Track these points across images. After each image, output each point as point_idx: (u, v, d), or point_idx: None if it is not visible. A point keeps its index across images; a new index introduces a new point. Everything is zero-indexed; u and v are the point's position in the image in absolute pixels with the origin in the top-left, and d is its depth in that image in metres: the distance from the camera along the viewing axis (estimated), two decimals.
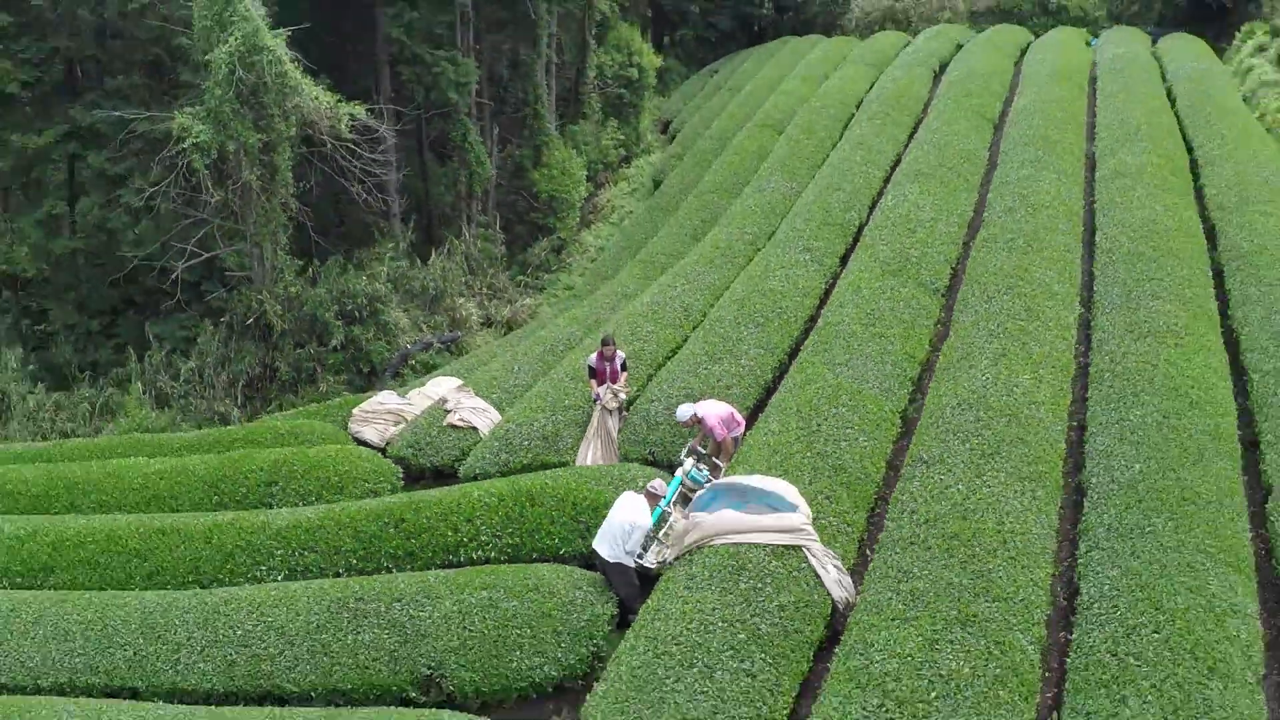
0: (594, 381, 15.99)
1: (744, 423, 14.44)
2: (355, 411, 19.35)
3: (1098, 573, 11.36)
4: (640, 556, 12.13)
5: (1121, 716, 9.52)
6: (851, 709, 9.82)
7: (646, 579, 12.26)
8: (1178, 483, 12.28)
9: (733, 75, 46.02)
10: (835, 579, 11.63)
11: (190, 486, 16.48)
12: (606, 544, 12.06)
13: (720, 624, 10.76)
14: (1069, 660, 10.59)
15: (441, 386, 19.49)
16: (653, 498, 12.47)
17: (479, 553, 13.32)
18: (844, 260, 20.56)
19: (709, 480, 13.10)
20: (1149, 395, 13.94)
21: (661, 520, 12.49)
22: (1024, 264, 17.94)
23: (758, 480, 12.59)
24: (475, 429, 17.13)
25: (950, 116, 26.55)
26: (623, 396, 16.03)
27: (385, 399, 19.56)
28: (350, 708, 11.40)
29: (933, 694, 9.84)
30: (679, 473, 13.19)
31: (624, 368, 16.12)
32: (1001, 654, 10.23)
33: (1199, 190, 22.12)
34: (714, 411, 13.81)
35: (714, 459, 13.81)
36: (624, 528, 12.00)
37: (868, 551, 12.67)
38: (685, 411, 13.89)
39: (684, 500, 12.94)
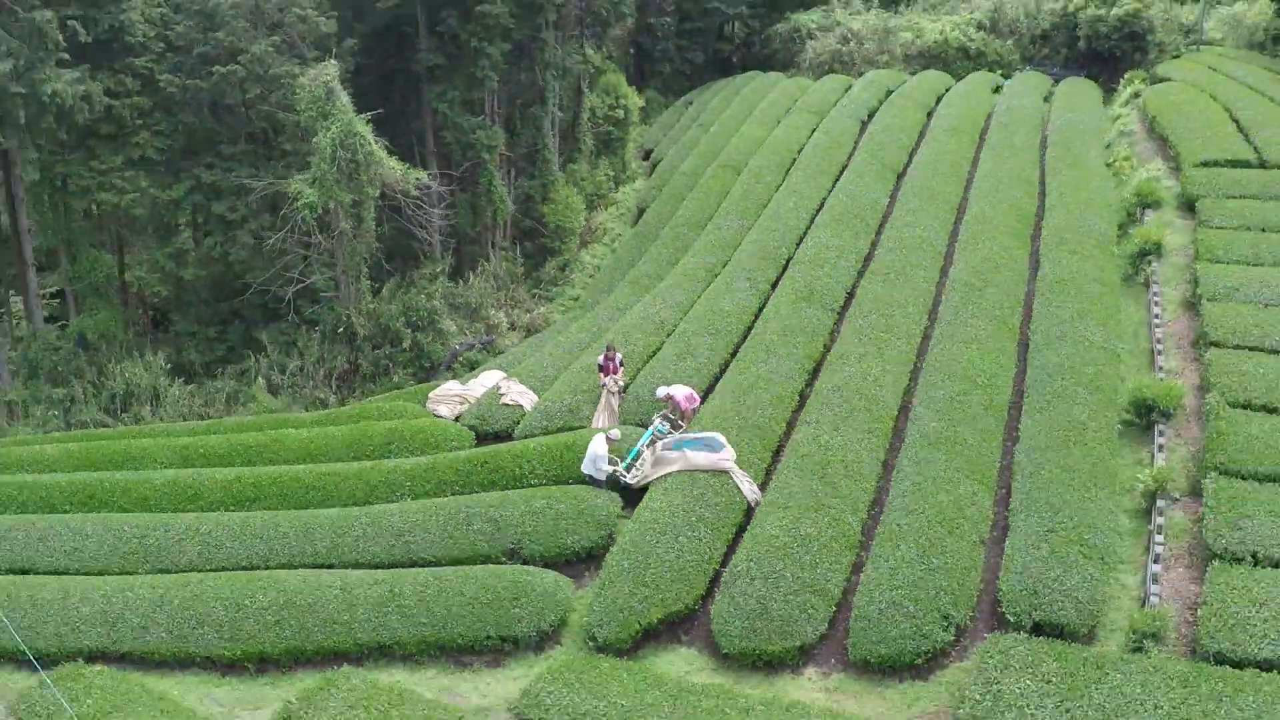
0: (601, 373, 24.21)
1: (699, 400, 22.73)
2: (431, 395, 27.52)
3: (899, 484, 19.68)
4: (625, 475, 20.51)
5: (896, 555, 17.79)
6: (755, 555, 18.10)
7: (633, 491, 20.61)
8: (956, 434, 20.61)
9: (704, 110, 54.19)
10: (749, 489, 19.96)
11: (332, 446, 24.67)
12: (584, 465, 20.57)
13: (682, 512, 19.06)
14: (876, 529, 18.92)
15: (492, 377, 27.69)
16: (611, 442, 20.85)
17: (535, 480, 21.55)
18: (774, 286, 28.84)
19: (670, 433, 21.43)
20: (951, 381, 22.27)
21: (638, 456, 20.84)
22: (892, 291, 26.27)
23: (704, 434, 20.93)
24: (521, 406, 25.34)
25: (864, 169, 34.88)
26: (620, 384, 24.28)
27: (452, 386, 27.76)
28: (467, 567, 19.61)
29: (798, 546, 18.13)
30: (651, 428, 21.55)
31: (621, 364, 24.35)
32: (837, 525, 18.55)
33: (1038, 232, 30.44)
34: (680, 392, 22.10)
35: (679, 421, 22.08)
36: (590, 456, 20.48)
37: (769, 475, 20.96)
38: (662, 391, 22.19)
39: (651, 444, 21.28)
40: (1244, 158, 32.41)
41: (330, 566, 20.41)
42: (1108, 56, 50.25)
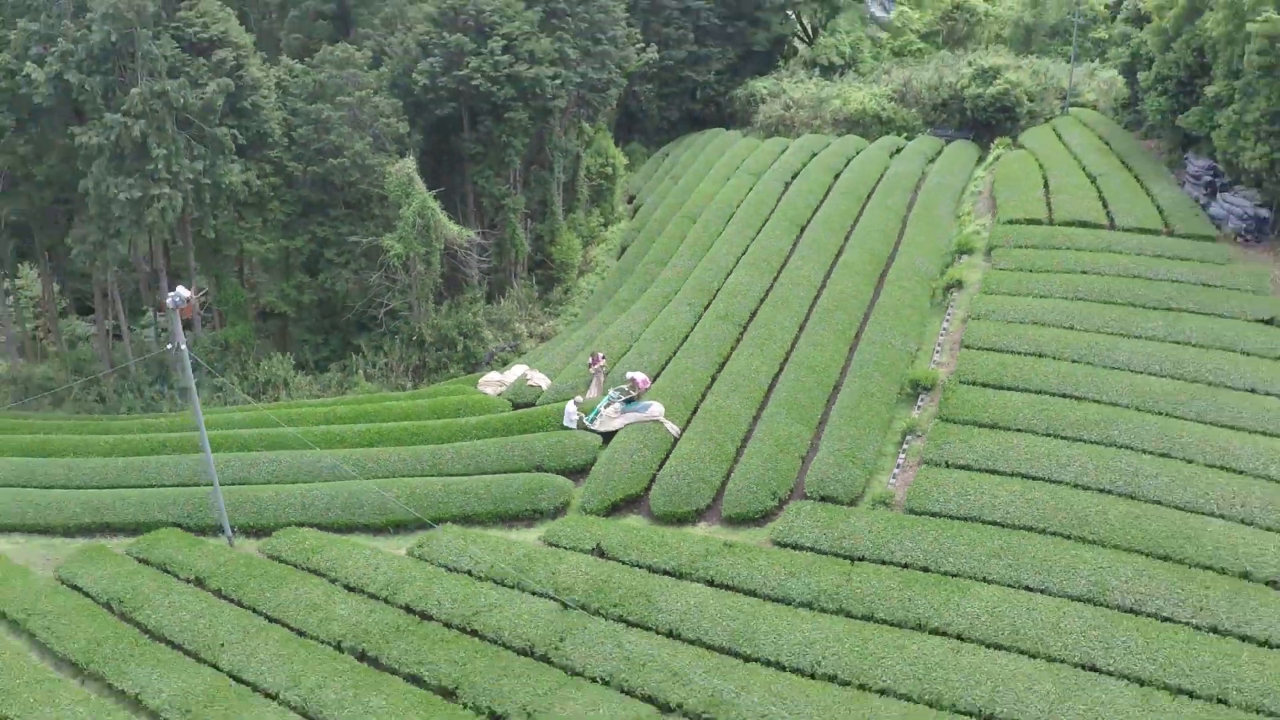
0: (590, 367, 38.69)
1: (650, 381, 37.24)
2: (479, 381, 42.00)
3: (759, 427, 34.08)
4: (591, 424, 34.99)
5: (751, 464, 32.17)
6: (674, 465, 32.54)
7: (606, 435, 35.14)
8: (797, 400, 35.04)
9: (676, 162, 68.76)
10: (672, 429, 34.50)
11: (421, 411, 39.13)
12: (564, 420, 35.27)
13: (634, 444, 33.56)
14: (743, 451, 33.38)
15: (519, 369, 42.12)
16: (576, 404, 35.37)
17: (549, 428, 35.99)
18: (705, 309, 43.28)
19: (625, 398, 35.89)
20: (802, 370, 36.70)
21: (599, 413, 35.33)
22: (778, 314, 40.74)
23: (642, 402, 35.47)
24: (540, 386, 39.76)
25: (776, 224, 49.42)
26: (605, 372, 38.78)
27: (493, 375, 42.22)
28: (512, 474, 33.99)
29: (697, 460, 32.55)
30: (611, 393, 36.05)
31: (603, 359, 38.84)
32: (721, 449, 33.01)
33: (885, 272, 44.85)
34: (640, 376, 36.61)
35: (633, 394, 36.51)
36: (565, 414, 35.24)
37: (688, 423, 35.40)
38: (629, 375, 36.71)
39: (609, 405, 35.75)
40: (1038, 217, 46.92)
41: (431, 476, 34.81)
42: (987, 123, 64.75)
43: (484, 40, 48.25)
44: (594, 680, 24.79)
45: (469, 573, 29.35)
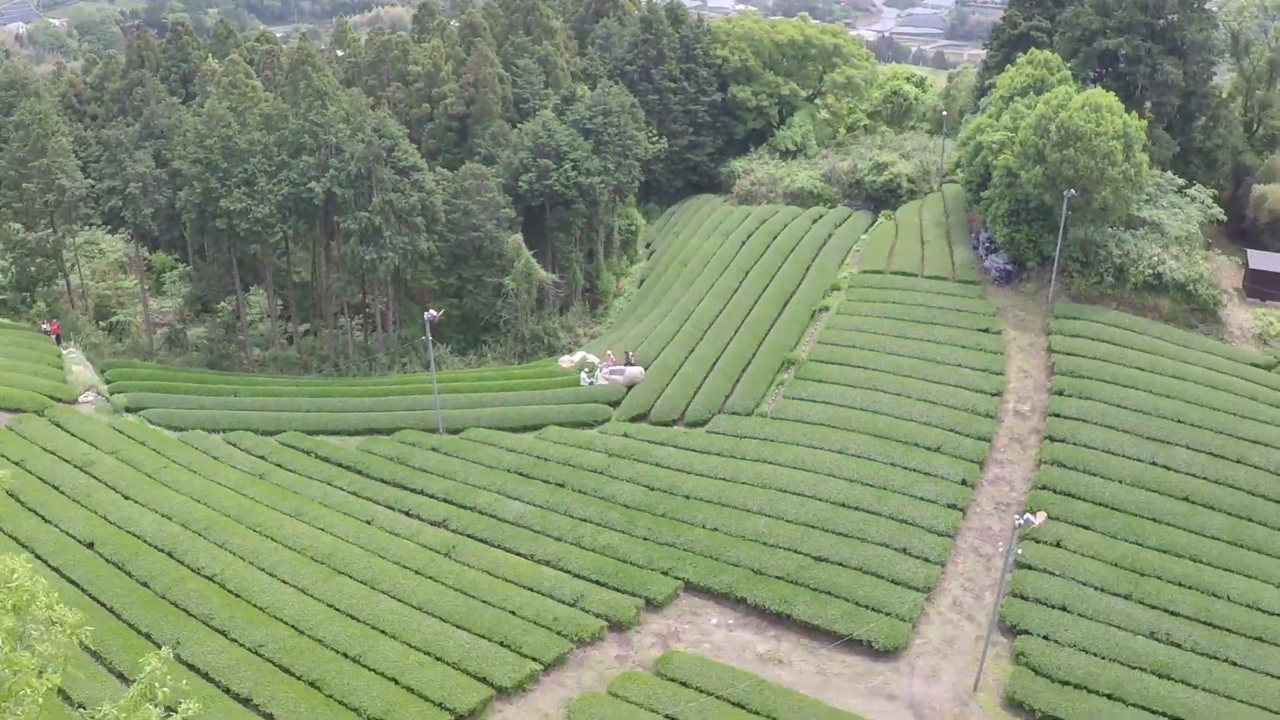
0: (609, 358, 72.21)
1: (615, 359, 70.75)
2: (559, 360, 75.74)
3: (703, 385, 67.56)
4: (593, 382, 68.75)
5: (701, 397, 65.62)
6: (663, 398, 66.15)
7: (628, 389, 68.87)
8: (727, 369, 68.49)
9: (679, 220, 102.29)
10: (642, 375, 68.26)
11: (528, 374, 72.85)
12: (581, 380, 69.18)
13: (641, 391, 67.25)
14: (699, 389, 66.96)
15: (580, 354, 75.79)
16: (584, 376, 69.27)
17: (597, 389, 69.68)
18: (684, 322, 76.64)
19: (613, 369, 69.55)
20: (731, 353, 70.13)
21: (595, 380, 69.08)
22: (725, 324, 74.27)
23: (628, 367, 69.17)
24: (593, 360, 73.43)
25: (733, 270, 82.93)
26: (620, 357, 72.35)
27: (565, 358, 75.98)
28: (579, 404, 67.47)
29: (675, 396, 66.05)
30: (601, 367, 69.86)
31: (612, 357, 72.35)
32: (687, 390, 66.58)
33: (788, 301, 78.05)
34: (612, 355, 70.18)
35: (621, 366, 69.96)
36: (580, 379, 68.93)
37: (669, 381, 68.96)
38: (609, 355, 70.35)
39: (601, 374, 69.48)
40: (880, 268, 79.88)
41: (540, 405, 68.13)
42: (881, 198, 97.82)
43: (559, 162, 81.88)
44: (623, 479, 58.07)
45: (564, 443, 62.75)
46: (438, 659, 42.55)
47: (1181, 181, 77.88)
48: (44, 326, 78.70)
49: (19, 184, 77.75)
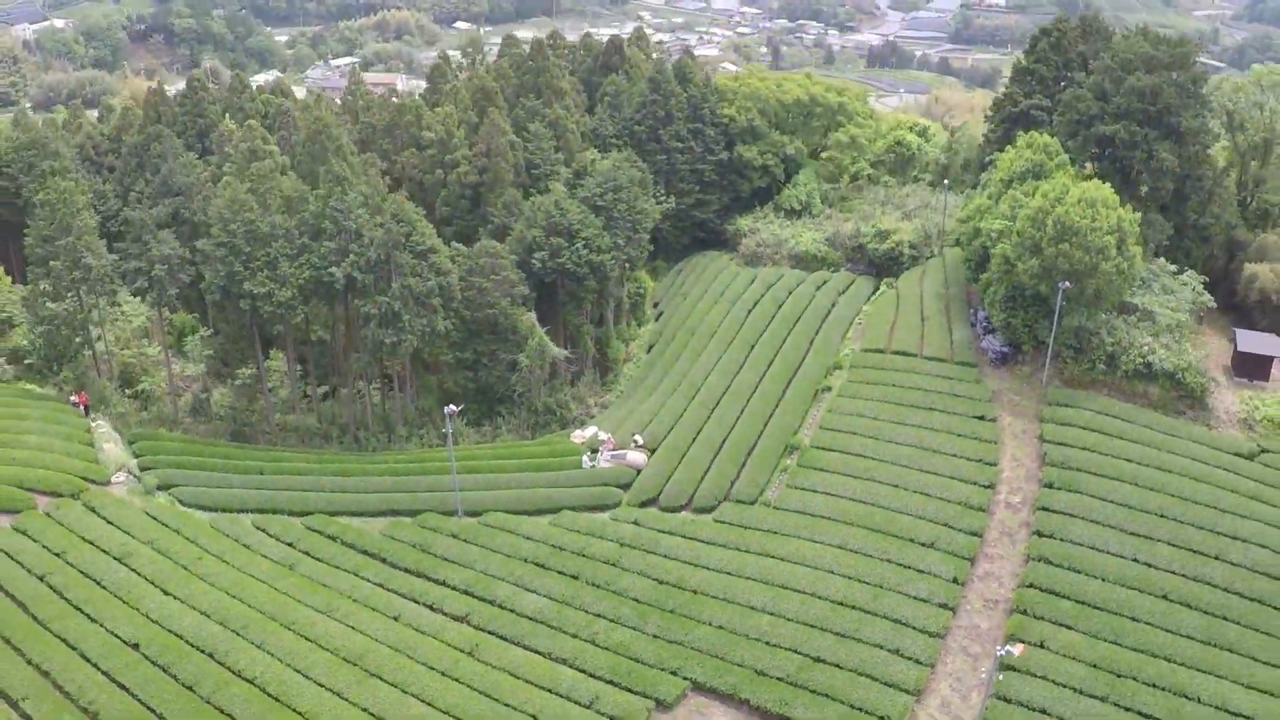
0: (607, 443, 75.27)
1: (614, 442, 73.90)
2: (571, 435, 78.89)
3: (710, 469, 70.68)
4: (594, 464, 71.91)
5: (708, 482, 68.80)
6: (671, 484, 69.29)
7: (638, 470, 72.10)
8: (732, 453, 71.66)
9: (684, 281, 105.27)
10: (640, 459, 71.39)
11: (542, 452, 75.98)
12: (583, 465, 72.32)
13: (651, 474, 70.40)
14: (706, 474, 70.14)
15: (592, 429, 78.93)
16: (587, 458, 72.36)
17: (605, 471, 72.88)
18: (694, 396, 79.74)
19: (615, 452, 72.73)
20: (737, 436, 73.30)
21: (596, 464, 72.22)
22: (731, 403, 77.36)
23: (625, 450, 72.36)
24: (607, 439, 76.55)
25: (741, 340, 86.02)
26: (610, 445, 75.49)
27: (577, 433, 79.12)
28: (589, 487, 70.64)
29: (683, 481, 69.22)
30: (602, 450, 72.96)
31: (613, 442, 75.49)
32: (695, 472, 69.71)
33: (793, 376, 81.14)
34: (611, 439, 73.39)
35: (615, 449, 73.13)
36: (582, 462, 71.98)
37: (677, 467, 72.14)
38: (606, 440, 73.51)
39: (601, 456, 72.69)
40: (881, 347, 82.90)
41: (554, 488, 71.33)
42: (883, 265, 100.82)
43: (571, 240, 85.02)
44: (633, 572, 61.15)
45: (578, 531, 65.86)
46: None
47: (1174, 269, 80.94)
48: (72, 398, 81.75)
49: (46, 260, 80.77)
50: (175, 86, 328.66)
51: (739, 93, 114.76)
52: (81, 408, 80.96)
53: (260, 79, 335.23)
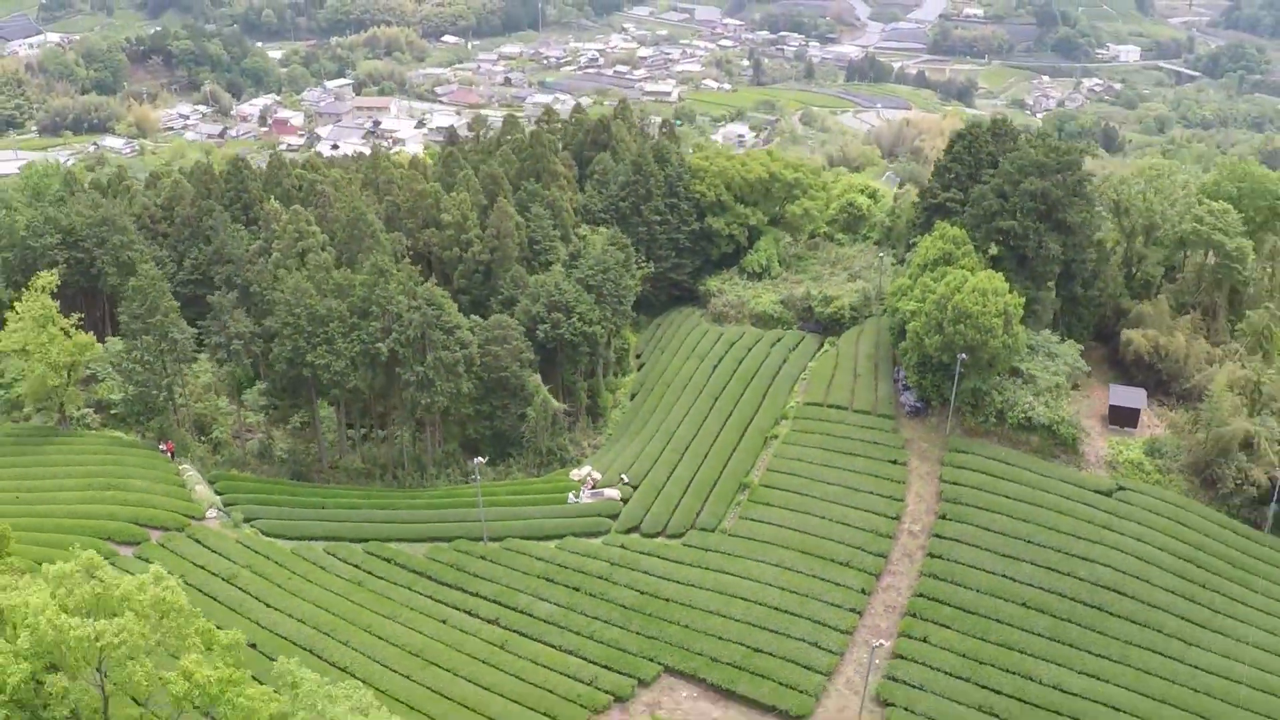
0: (589, 484, 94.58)
1: (598, 478, 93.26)
2: (570, 473, 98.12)
3: (680, 503, 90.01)
4: (577, 500, 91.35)
5: (680, 504, 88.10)
6: (651, 513, 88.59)
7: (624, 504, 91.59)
8: (699, 489, 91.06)
9: (662, 335, 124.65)
10: (617, 496, 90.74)
11: (545, 487, 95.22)
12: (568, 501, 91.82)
13: (634, 508, 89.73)
14: (679, 504, 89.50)
15: (586, 468, 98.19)
16: (571, 495, 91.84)
17: (599, 506, 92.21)
18: (665, 446, 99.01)
19: (589, 489, 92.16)
20: (702, 477, 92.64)
21: (579, 499, 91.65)
22: (696, 448, 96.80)
23: (602, 489, 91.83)
24: (597, 478, 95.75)
25: (705, 395, 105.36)
26: (591, 482, 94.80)
27: (575, 471, 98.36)
28: (586, 517, 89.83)
29: (658, 509, 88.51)
30: (583, 488, 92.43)
31: (594, 480, 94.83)
32: (669, 504, 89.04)
33: (746, 428, 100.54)
34: (597, 475, 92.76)
35: (595, 488, 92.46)
36: (568, 499, 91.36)
37: (652, 503, 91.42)
38: (590, 478, 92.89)
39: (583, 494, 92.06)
40: (820, 401, 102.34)
41: (559, 519, 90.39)
42: (828, 324, 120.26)
43: (569, 314, 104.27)
44: (621, 585, 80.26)
45: (578, 553, 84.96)
46: None
47: (1056, 339, 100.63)
48: (160, 445, 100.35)
49: (138, 334, 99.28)
50: (174, 109, 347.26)
51: (709, 171, 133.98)
52: (168, 453, 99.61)
53: (259, 102, 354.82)
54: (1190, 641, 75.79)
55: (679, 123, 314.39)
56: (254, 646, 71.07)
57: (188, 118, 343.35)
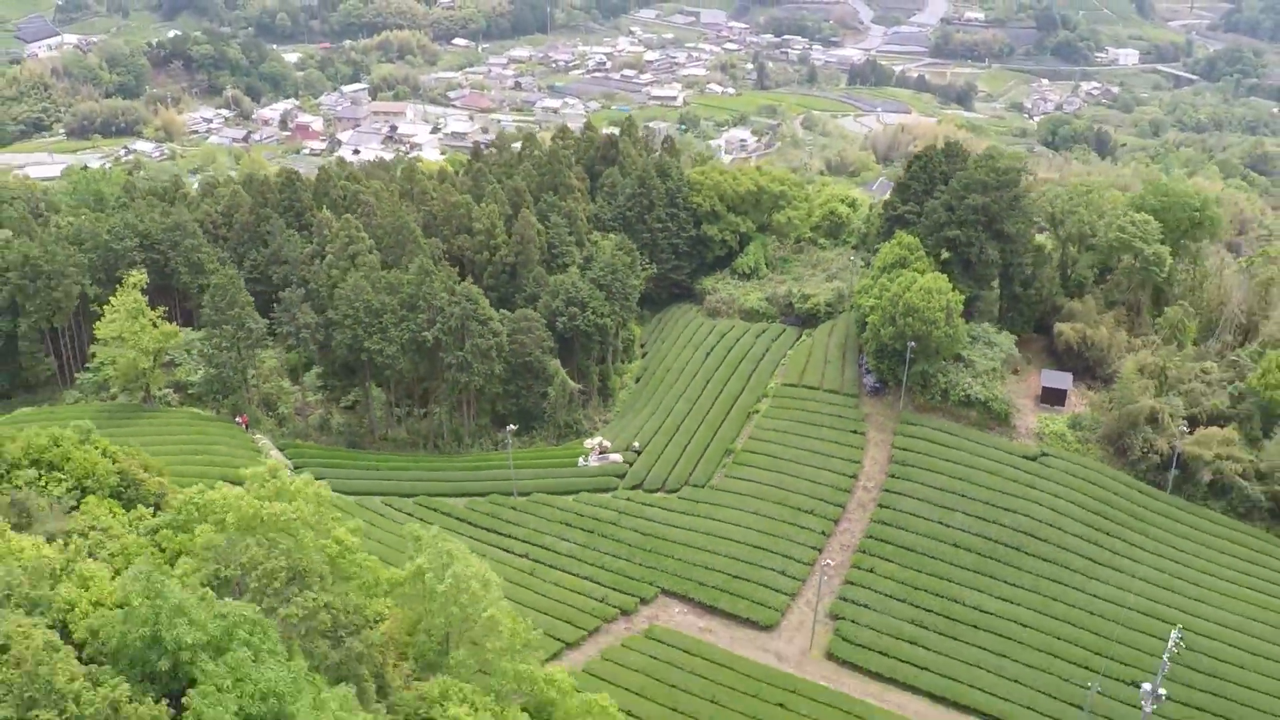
0: (600, 444, 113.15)
1: (608, 444, 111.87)
2: (585, 442, 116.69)
3: (676, 465, 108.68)
4: (586, 464, 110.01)
5: (671, 467, 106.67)
6: (649, 472, 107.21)
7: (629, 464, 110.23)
8: (692, 453, 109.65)
9: (663, 328, 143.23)
10: (619, 459, 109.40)
11: (564, 453, 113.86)
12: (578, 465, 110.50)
13: (639, 468, 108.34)
14: (675, 467, 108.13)
15: (598, 438, 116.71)
16: (581, 460, 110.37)
17: (609, 466, 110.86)
18: (665, 419, 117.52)
19: (598, 452, 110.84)
20: (694, 444, 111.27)
21: (587, 463, 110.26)
22: (689, 423, 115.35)
23: (611, 454, 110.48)
24: (607, 445, 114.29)
25: (699, 379, 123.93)
26: (600, 447, 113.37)
27: (588, 441, 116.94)
28: (598, 475, 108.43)
29: (658, 467, 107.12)
30: (593, 453, 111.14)
31: (604, 445, 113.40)
32: (664, 460, 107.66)
33: (732, 405, 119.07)
34: (604, 443, 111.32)
35: (605, 453, 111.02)
36: (579, 463, 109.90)
37: (653, 464, 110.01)
38: (600, 444, 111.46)
39: (594, 457, 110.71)
40: (795, 382, 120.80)
41: (574, 477, 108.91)
42: (806, 318, 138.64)
43: (583, 309, 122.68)
44: (628, 529, 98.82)
45: (591, 504, 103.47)
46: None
47: (994, 330, 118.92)
48: (236, 419, 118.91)
49: (218, 325, 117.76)
50: (197, 113, 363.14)
51: (705, 184, 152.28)
52: (244, 425, 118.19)
53: (279, 107, 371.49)
54: (1091, 576, 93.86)
55: (683, 129, 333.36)
56: None
57: (210, 121, 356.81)
